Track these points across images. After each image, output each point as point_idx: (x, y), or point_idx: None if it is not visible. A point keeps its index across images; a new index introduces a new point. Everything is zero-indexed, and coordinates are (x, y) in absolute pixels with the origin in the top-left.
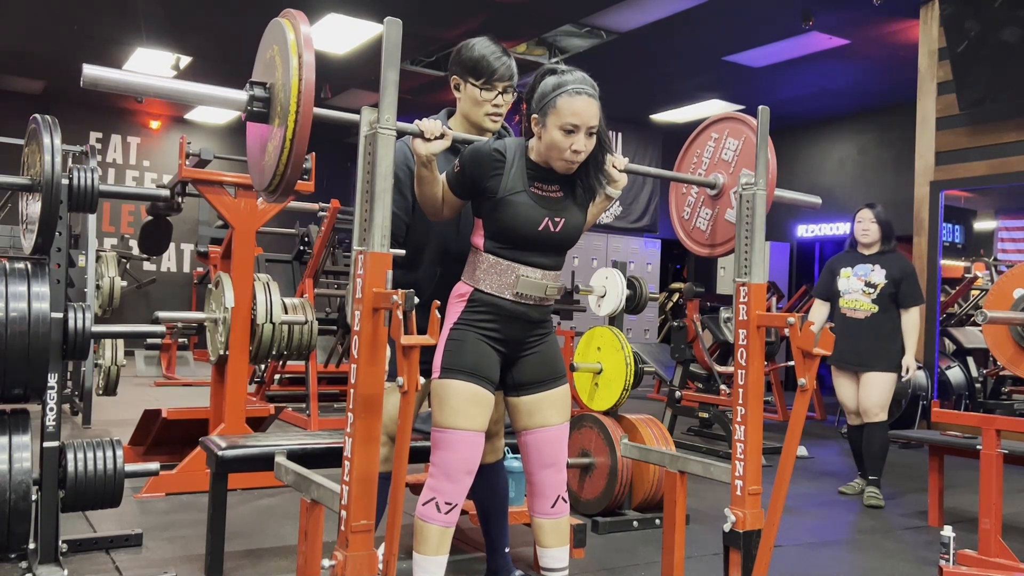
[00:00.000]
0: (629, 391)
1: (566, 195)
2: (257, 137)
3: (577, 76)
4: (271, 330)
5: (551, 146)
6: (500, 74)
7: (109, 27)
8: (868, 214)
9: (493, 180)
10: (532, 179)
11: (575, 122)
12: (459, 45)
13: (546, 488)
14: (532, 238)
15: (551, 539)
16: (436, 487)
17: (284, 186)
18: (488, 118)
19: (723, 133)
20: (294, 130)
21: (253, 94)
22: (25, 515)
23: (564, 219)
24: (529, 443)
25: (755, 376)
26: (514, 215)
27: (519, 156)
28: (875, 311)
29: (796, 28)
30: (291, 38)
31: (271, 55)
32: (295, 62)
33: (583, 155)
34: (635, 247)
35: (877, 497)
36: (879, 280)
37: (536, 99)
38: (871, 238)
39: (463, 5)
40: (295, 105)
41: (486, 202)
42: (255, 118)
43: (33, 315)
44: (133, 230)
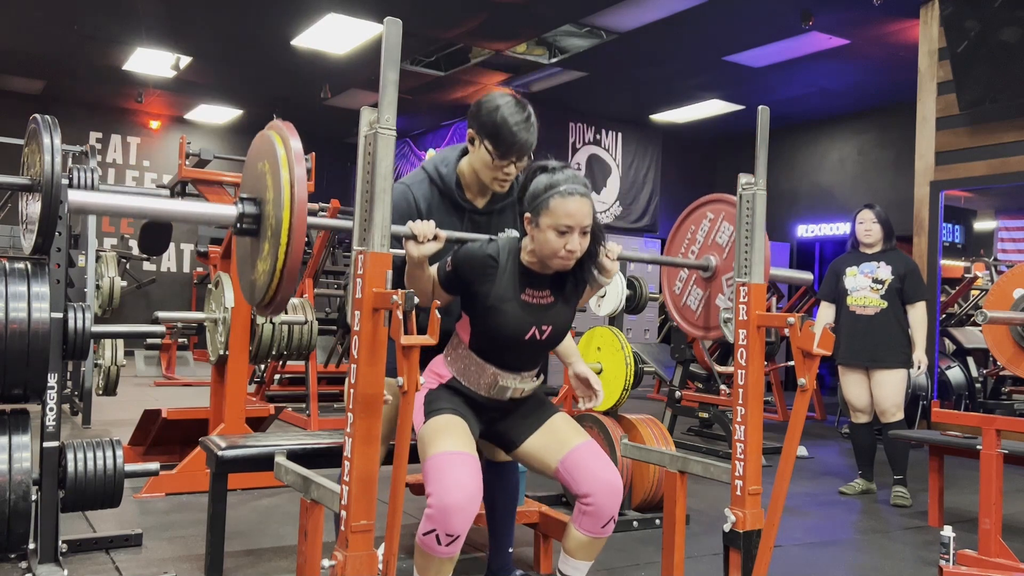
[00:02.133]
0: (629, 391)
1: (556, 299)
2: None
3: (568, 175)
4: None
5: (545, 246)
6: (519, 148)
7: (109, 27)
8: (869, 214)
9: (485, 285)
10: (523, 285)
11: (569, 223)
12: (482, 100)
13: (603, 510)
14: (518, 345)
15: (585, 553)
16: (435, 518)
17: (277, 303)
18: (496, 183)
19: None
20: (287, 250)
21: (243, 211)
22: (25, 515)
23: (552, 326)
24: (569, 468)
25: (755, 376)
26: (502, 324)
27: (512, 260)
28: (884, 307)
29: (796, 28)
30: (281, 153)
31: (261, 168)
32: (286, 176)
33: (578, 254)
34: (635, 247)
35: (904, 496)
36: (886, 276)
37: (528, 199)
38: (874, 238)
39: (463, 5)
40: (287, 223)
41: (476, 305)
42: (245, 234)
43: (33, 315)
44: (133, 230)
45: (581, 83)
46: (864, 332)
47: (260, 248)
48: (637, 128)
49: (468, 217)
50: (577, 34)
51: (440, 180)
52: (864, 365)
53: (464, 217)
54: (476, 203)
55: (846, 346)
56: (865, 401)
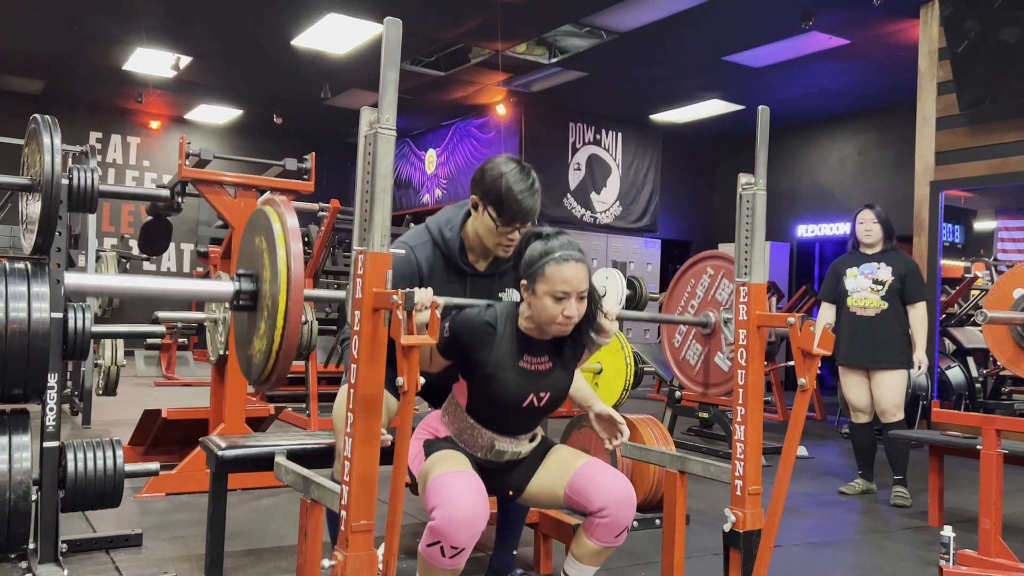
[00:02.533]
0: (629, 391)
1: (555, 365)
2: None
3: (563, 241)
4: None
5: (542, 313)
6: (523, 216)
7: (109, 27)
8: (869, 215)
9: (483, 352)
10: (522, 351)
11: (565, 289)
12: (486, 166)
13: (618, 521)
14: (515, 412)
15: (594, 560)
16: (439, 530)
17: (274, 380)
18: (500, 248)
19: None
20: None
21: (240, 287)
22: (25, 515)
23: (550, 392)
24: (577, 488)
25: (755, 376)
26: (500, 391)
27: (510, 326)
28: (885, 308)
29: (796, 28)
30: (277, 230)
31: (258, 244)
32: (282, 255)
33: (576, 320)
34: (635, 247)
35: (905, 497)
36: (886, 277)
37: (524, 266)
38: (874, 238)
39: (463, 5)
40: (284, 299)
41: (474, 371)
42: (241, 310)
43: (33, 315)
44: (133, 230)
45: (581, 83)
46: (864, 333)
47: (257, 325)
48: (637, 128)
49: (470, 280)
50: (577, 34)
51: (444, 244)
52: (864, 366)
53: (466, 281)
54: (478, 266)
55: (846, 347)
56: (865, 401)
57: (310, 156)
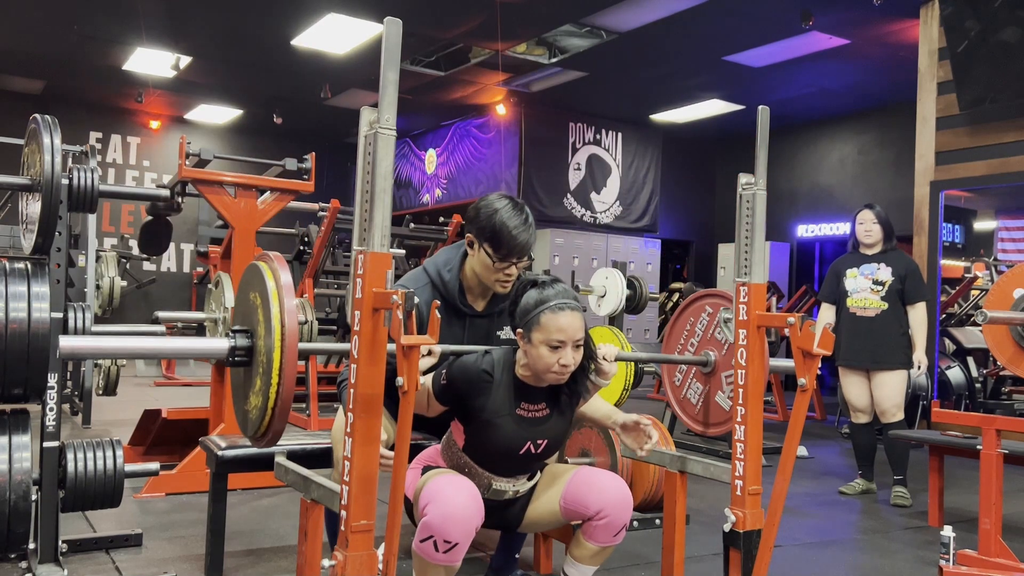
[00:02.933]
0: (629, 391)
1: (552, 412)
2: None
3: (558, 290)
4: None
5: (538, 362)
6: (518, 250)
7: (109, 27)
8: (869, 215)
9: (479, 400)
10: (518, 399)
11: (561, 338)
12: (480, 204)
13: (615, 521)
14: (512, 458)
15: (594, 560)
16: (432, 524)
17: (271, 435)
18: (498, 284)
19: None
20: (278, 389)
21: (235, 344)
22: (25, 515)
23: (547, 440)
24: (572, 496)
25: (755, 376)
26: (496, 439)
27: (506, 373)
28: (885, 308)
29: (796, 28)
30: (271, 287)
31: (252, 300)
32: (276, 312)
33: (572, 368)
34: (635, 247)
35: (905, 496)
36: (886, 277)
37: (519, 314)
38: (874, 238)
39: (463, 5)
40: (279, 355)
41: (470, 418)
42: (237, 366)
43: (33, 315)
44: (133, 230)
45: (581, 83)
46: (864, 333)
47: (253, 381)
48: (637, 128)
49: (469, 321)
50: (577, 34)
51: (443, 285)
52: (864, 366)
53: (465, 322)
54: (477, 306)
55: (846, 347)
56: (865, 402)
57: (310, 156)
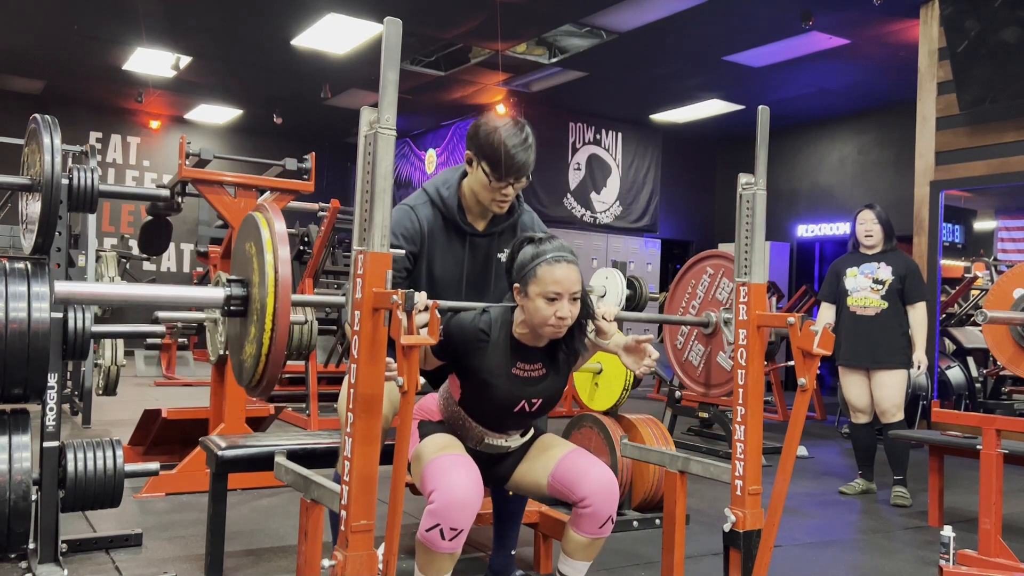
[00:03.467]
0: (629, 391)
1: (548, 371)
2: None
3: (555, 244)
4: None
5: (535, 315)
6: (516, 170)
7: (109, 27)
8: (870, 215)
9: (475, 357)
10: (515, 359)
11: (557, 290)
12: (480, 122)
13: (600, 511)
14: (506, 416)
15: (585, 554)
16: (438, 512)
17: (265, 383)
18: (495, 204)
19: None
20: (272, 335)
21: (231, 293)
22: (25, 515)
23: (542, 399)
24: (560, 476)
25: (755, 376)
26: (491, 397)
27: (503, 333)
28: (885, 307)
29: (796, 28)
30: (266, 236)
31: (248, 250)
32: (270, 258)
33: (569, 322)
34: (635, 247)
35: (904, 496)
36: (886, 276)
37: (516, 270)
38: (875, 239)
39: (463, 5)
40: (272, 303)
41: (466, 376)
42: (233, 315)
43: (33, 315)
44: (133, 230)
45: (581, 83)
46: (864, 333)
47: (247, 330)
48: (637, 128)
49: (469, 240)
50: (577, 34)
51: (442, 203)
52: (864, 366)
53: (465, 240)
54: (477, 226)
55: (846, 347)
56: (865, 401)
57: (310, 156)
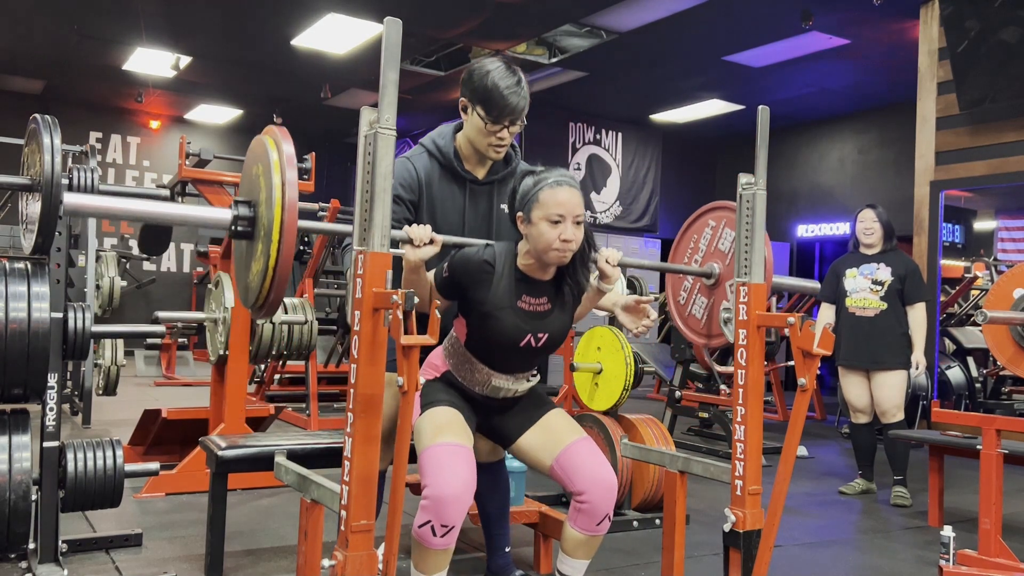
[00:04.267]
0: (629, 391)
1: (554, 306)
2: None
3: (556, 171)
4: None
5: (540, 239)
6: (510, 111)
7: (109, 27)
8: (871, 214)
9: (481, 291)
10: (520, 292)
11: (560, 211)
12: (473, 66)
13: (598, 507)
14: (513, 351)
15: (582, 552)
16: (430, 509)
17: (270, 304)
18: (491, 148)
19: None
20: (278, 252)
21: (238, 213)
22: (25, 515)
23: (548, 334)
24: (565, 464)
25: (755, 376)
26: (497, 331)
27: (508, 266)
28: (884, 308)
29: (796, 28)
30: (274, 158)
31: (256, 172)
32: (277, 180)
33: (574, 244)
34: (635, 247)
35: (904, 497)
36: (886, 277)
37: (519, 199)
38: (875, 237)
39: (463, 5)
40: (278, 225)
41: (472, 311)
42: (239, 237)
43: (33, 315)
44: (133, 230)
45: (581, 83)
46: (864, 334)
47: (254, 250)
48: (637, 128)
49: (468, 188)
50: (577, 34)
51: (439, 152)
52: (864, 366)
53: (465, 188)
54: (476, 173)
55: (846, 347)
56: (865, 402)
57: (310, 156)
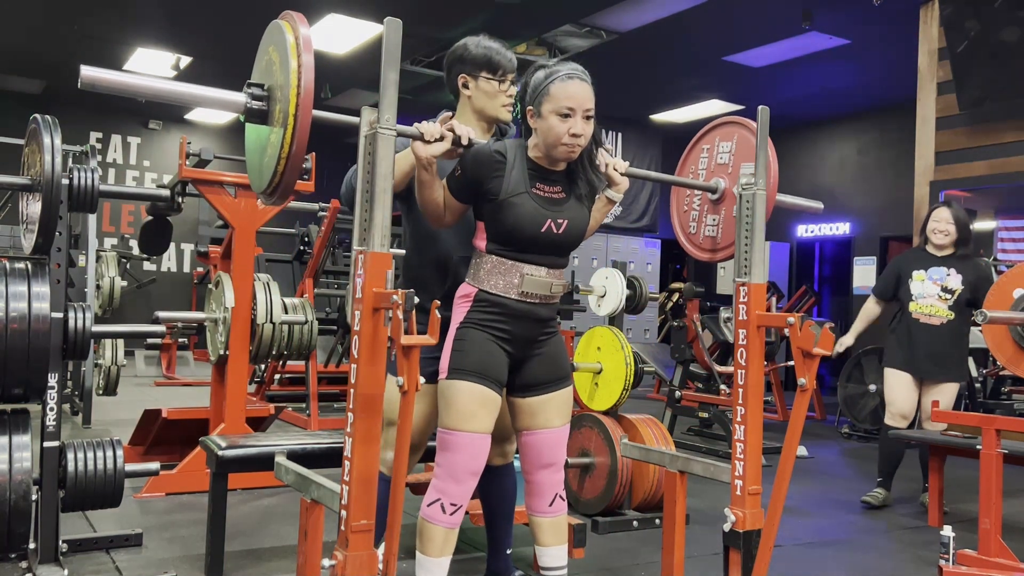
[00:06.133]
0: (629, 391)
1: (568, 195)
2: (256, 139)
3: (568, 65)
4: (271, 330)
5: (549, 133)
6: (512, 65)
7: (109, 27)
8: (946, 213)
9: (494, 182)
10: (534, 179)
11: (571, 104)
12: (455, 47)
13: (544, 487)
14: (535, 239)
15: (549, 537)
16: (442, 488)
17: (282, 188)
18: (504, 109)
19: (714, 140)
20: (293, 133)
21: (252, 94)
22: (25, 515)
23: (567, 220)
24: (529, 443)
25: (755, 376)
26: (516, 217)
27: (520, 156)
28: (951, 318)
29: (796, 28)
30: (290, 40)
31: (270, 57)
32: (294, 64)
33: (583, 139)
34: (635, 247)
35: (877, 497)
36: (956, 286)
37: (529, 92)
38: (949, 239)
39: (463, 5)
40: (294, 107)
41: (487, 204)
42: (253, 119)
43: (33, 315)
44: (133, 230)
45: None
46: (926, 343)
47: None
48: (637, 128)
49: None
50: (577, 34)
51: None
52: (920, 375)
53: None
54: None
55: (904, 353)
56: (911, 407)
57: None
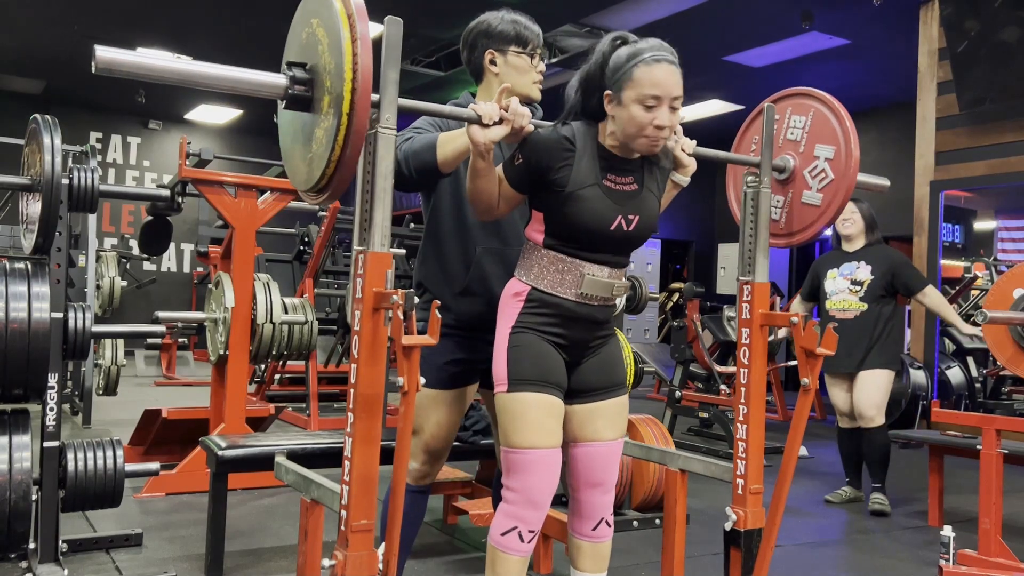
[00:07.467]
0: (629, 391)
1: (641, 187)
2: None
3: (654, 43)
4: (271, 330)
5: (630, 124)
6: (540, 40)
7: (109, 27)
8: (851, 205)
9: (562, 172)
10: (605, 170)
11: (657, 93)
12: (476, 23)
13: (590, 509)
14: (603, 237)
15: (588, 563)
16: (518, 515)
17: (334, 186)
18: (535, 86)
19: (785, 112)
20: (349, 119)
21: (293, 76)
22: (25, 515)
23: (639, 216)
24: (578, 456)
25: (757, 374)
26: (585, 213)
27: (589, 144)
28: (864, 309)
29: (796, 28)
30: (338, 7)
31: (311, 31)
32: (346, 35)
33: (668, 131)
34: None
35: (883, 503)
36: (865, 277)
37: (609, 73)
38: (855, 228)
39: (463, 5)
40: (350, 85)
41: (551, 196)
42: (297, 105)
43: (33, 315)
44: (133, 230)
45: None
46: (844, 337)
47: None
48: None
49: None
50: (577, 34)
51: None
52: (847, 370)
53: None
54: None
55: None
56: (848, 404)
57: None
